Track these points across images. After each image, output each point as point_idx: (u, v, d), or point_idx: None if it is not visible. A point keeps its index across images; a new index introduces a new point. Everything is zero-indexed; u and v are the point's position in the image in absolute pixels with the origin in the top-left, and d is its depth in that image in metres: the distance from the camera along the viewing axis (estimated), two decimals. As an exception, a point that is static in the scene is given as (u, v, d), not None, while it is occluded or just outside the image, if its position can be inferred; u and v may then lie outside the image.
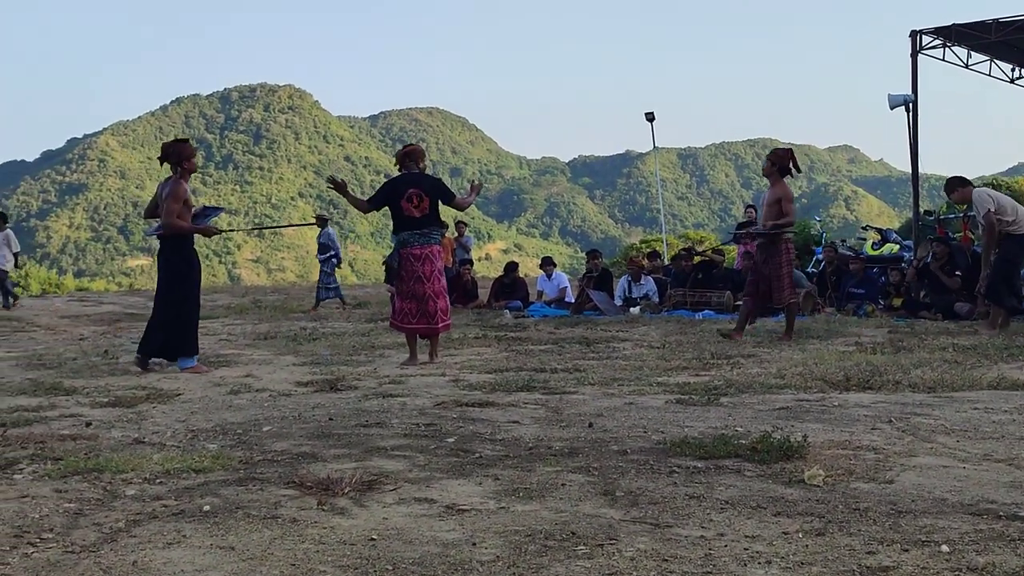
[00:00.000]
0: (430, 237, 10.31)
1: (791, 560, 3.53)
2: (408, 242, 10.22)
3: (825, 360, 9.63)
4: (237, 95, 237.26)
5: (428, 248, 10.26)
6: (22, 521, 4.07)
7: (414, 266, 10.18)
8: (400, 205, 10.19)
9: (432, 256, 10.29)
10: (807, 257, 22.89)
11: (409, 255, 10.19)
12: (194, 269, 10.09)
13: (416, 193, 10.20)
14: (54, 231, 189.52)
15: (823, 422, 6.34)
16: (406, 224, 10.23)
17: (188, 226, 9.99)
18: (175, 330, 9.89)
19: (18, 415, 6.94)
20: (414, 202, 10.19)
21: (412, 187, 10.25)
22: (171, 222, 9.85)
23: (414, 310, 10.26)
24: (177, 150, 10.13)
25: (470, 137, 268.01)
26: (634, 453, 5.39)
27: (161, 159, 10.24)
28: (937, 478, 4.76)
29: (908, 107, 18.30)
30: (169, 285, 10.00)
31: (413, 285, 10.22)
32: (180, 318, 9.93)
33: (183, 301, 9.91)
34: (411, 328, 10.36)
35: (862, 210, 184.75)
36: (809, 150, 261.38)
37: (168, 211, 9.85)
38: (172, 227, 9.88)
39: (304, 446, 5.70)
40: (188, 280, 10.02)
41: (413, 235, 10.22)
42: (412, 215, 10.19)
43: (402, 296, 10.33)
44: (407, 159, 10.52)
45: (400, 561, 3.55)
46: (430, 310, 10.26)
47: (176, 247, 10.03)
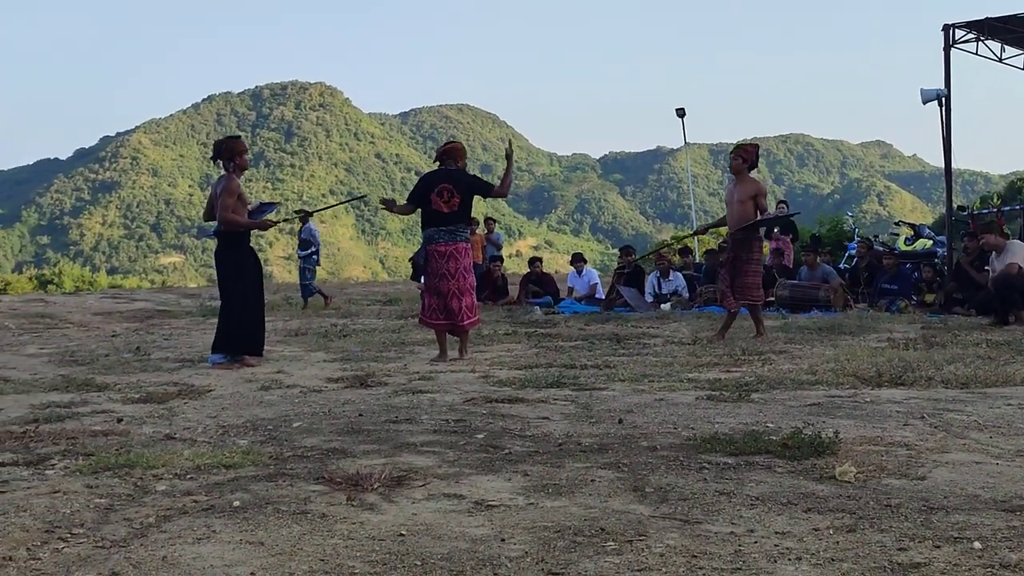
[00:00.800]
0: (456, 234, 10.21)
1: (821, 556, 3.51)
2: (434, 238, 10.17)
3: (857, 356, 9.58)
4: (268, 93, 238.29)
5: (454, 245, 10.17)
6: (53, 516, 4.09)
7: (439, 263, 10.14)
8: (429, 199, 10.14)
9: (457, 253, 10.20)
10: (839, 253, 22.78)
11: (435, 251, 10.15)
12: (251, 265, 10.12)
13: (447, 188, 10.13)
14: (87, 229, 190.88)
15: (855, 418, 6.30)
16: (433, 220, 10.18)
17: (243, 221, 10.02)
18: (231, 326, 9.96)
19: (50, 411, 6.98)
20: (444, 197, 10.11)
21: (444, 182, 10.19)
22: (226, 217, 9.87)
23: (440, 307, 10.24)
24: (229, 146, 10.16)
25: (500, 134, 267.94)
26: (664, 449, 5.37)
27: (213, 156, 10.26)
28: (970, 474, 4.73)
29: (941, 102, 18.13)
30: (227, 283, 10.05)
31: (438, 282, 10.20)
32: (241, 314, 9.98)
33: (243, 298, 9.97)
34: (438, 324, 10.33)
35: (895, 205, 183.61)
36: (842, 145, 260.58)
37: (223, 207, 9.87)
38: (227, 222, 9.90)
39: (334, 442, 5.70)
40: (245, 277, 10.07)
41: (439, 232, 10.17)
42: (440, 211, 10.13)
43: (429, 292, 10.33)
44: (446, 156, 10.48)
45: (429, 557, 3.55)
46: (453, 307, 10.18)
47: (231, 243, 10.08)
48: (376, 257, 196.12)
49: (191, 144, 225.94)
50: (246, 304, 9.94)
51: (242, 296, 9.93)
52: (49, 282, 50.68)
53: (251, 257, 10.16)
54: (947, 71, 18.41)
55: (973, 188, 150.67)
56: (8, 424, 6.46)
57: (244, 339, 9.94)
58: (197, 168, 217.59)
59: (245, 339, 9.94)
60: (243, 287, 9.96)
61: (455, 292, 10.19)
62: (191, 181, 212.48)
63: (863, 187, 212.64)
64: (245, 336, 9.95)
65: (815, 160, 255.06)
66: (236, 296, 9.95)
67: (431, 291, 10.29)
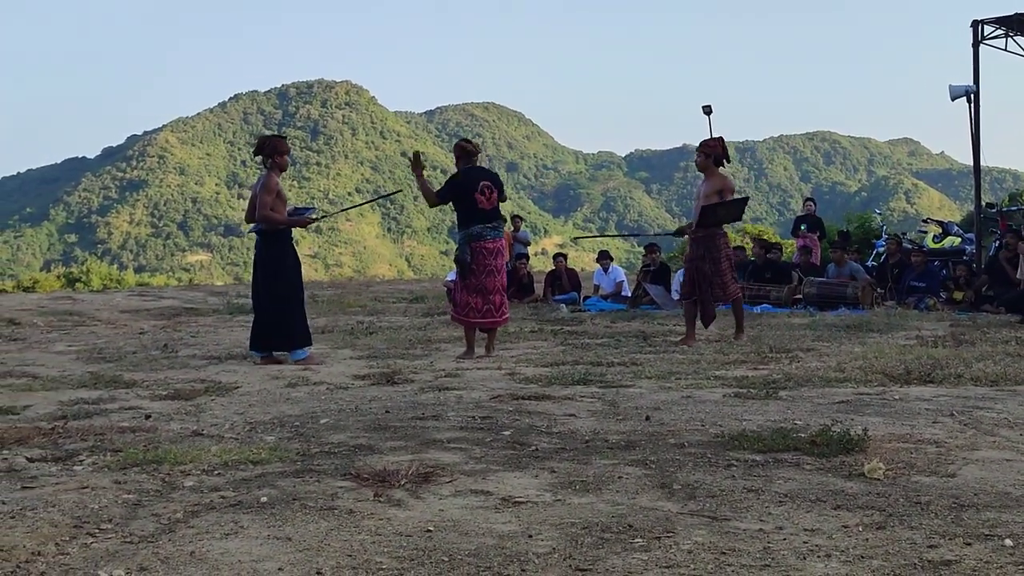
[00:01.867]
0: (499, 230, 10.25)
1: (851, 554, 3.49)
2: (482, 235, 10.09)
3: (885, 353, 9.53)
4: (295, 91, 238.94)
5: (499, 242, 10.26)
6: (82, 512, 4.10)
7: (487, 260, 10.10)
8: (474, 198, 10.08)
9: (501, 250, 10.34)
10: (867, 250, 22.69)
11: (482, 248, 10.08)
12: (292, 262, 10.14)
13: (487, 185, 10.15)
14: (115, 227, 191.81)
15: (883, 416, 6.27)
16: (479, 217, 10.11)
17: (282, 218, 10.04)
18: (280, 324, 9.96)
19: (79, 407, 7.00)
20: (486, 194, 10.11)
21: (484, 180, 10.20)
22: (265, 214, 9.86)
23: (479, 305, 10.16)
24: (272, 144, 10.17)
25: (526, 132, 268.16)
26: (691, 446, 5.35)
27: (255, 151, 10.27)
28: (1000, 471, 4.70)
29: (969, 98, 18.03)
30: (268, 280, 10.06)
31: (484, 279, 10.13)
32: (283, 313, 9.97)
33: (285, 297, 9.99)
34: (476, 322, 10.25)
35: (923, 203, 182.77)
36: (869, 143, 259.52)
37: (261, 204, 9.86)
38: (267, 220, 9.90)
39: (361, 438, 5.71)
40: (286, 274, 10.08)
41: (486, 228, 10.12)
42: (484, 208, 10.11)
43: (469, 290, 10.19)
44: (471, 156, 10.45)
45: (456, 553, 3.54)
46: (495, 302, 10.21)
47: (272, 241, 10.08)
48: (402, 255, 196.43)
49: (218, 143, 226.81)
50: (289, 302, 9.97)
51: (284, 294, 9.95)
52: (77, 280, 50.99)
53: (291, 255, 10.17)
54: (976, 67, 18.32)
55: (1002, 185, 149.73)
56: (37, 420, 6.48)
57: (287, 335, 9.98)
58: (224, 167, 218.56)
59: (288, 335, 9.98)
60: (284, 285, 9.98)
61: (499, 288, 10.26)
62: (218, 180, 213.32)
63: (891, 185, 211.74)
64: (287, 332, 9.98)
65: (842, 158, 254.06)
66: (278, 294, 9.97)
67: (473, 289, 10.16)
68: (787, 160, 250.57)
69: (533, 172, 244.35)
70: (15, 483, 4.63)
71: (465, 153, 10.43)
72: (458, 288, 10.39)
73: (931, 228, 22.03)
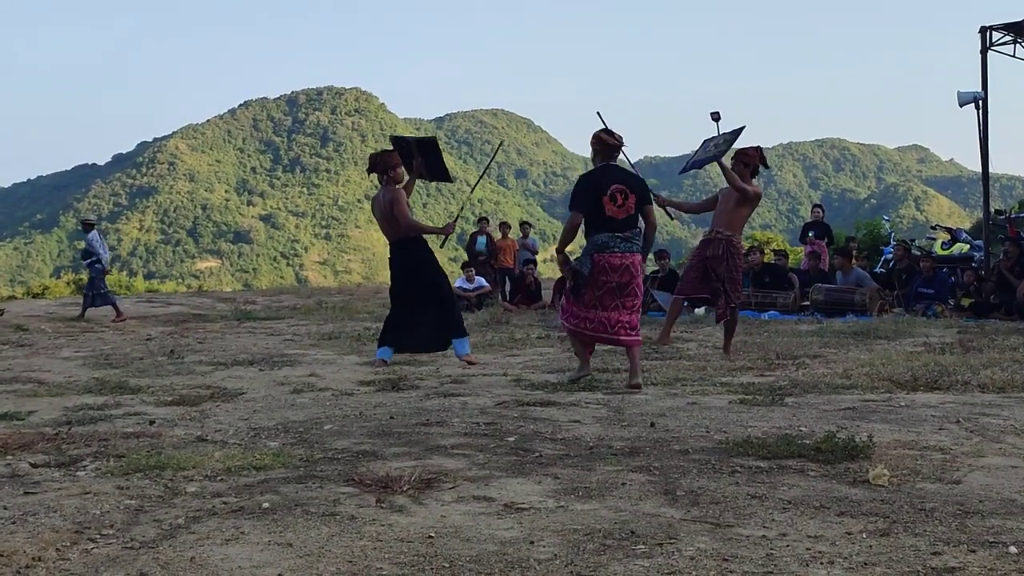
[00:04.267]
0: (632, 243, 8.52)
1: (854, 560, 3.47)
2: (608, 246, 8.42)
3: (892, 360, 9.51)
4: (304, 98, 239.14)
5: (632, 256, 8.50)
6: (83, 517, 4.10)
7: (609, 277, 8.39)
8: (601, 203, 8.44)
9: (634, 267, 8.50)
10: (875, 257, 22.65)
11: (606, 263, 8.39)
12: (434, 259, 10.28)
13: (620, 189, 8.48)
14: (124, 234, 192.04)
15: (889, 422, 6.25)
16: (606, 225, 8.46)
17: (428, 226, 10.21)
18: (456, 315, 10.11)
19: (83, 413, 7.01)
20: (618, 200, 8.45)
21: (617, 182, 8.52)
22: (412, 224, 9.96)
23: (592, 317, 8.53)
24: (383, 160, 10.23)
25: (535, 139, 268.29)
26: (696, 453, 5.34)
27: (369, 170, 10.36)
28: (1006, 478, 4.68)
29: (978, 105, 17.99)
30: (431, 279, 10.08)
31: (602, 296, 8.44)
32: (455, 304, 10.20)
33: (442, 288, 10.13)
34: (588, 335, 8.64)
35: (932, 210, 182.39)
36: (878, 150, 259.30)
37: (402, 214, 9.90)
38: (416, 228, 9.98)
39: (365, 444, 5.70)
40: (441, 272, 10.22)
41: (614, 239, 8.44)
42: (614, 216, 8.44)
43: (578, 302, 8.58)
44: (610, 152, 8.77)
45: (457, 559, 3.53)
46: (610, 320, 8.48)
47: (415, 246, 10.14)
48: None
49: (228, 149, 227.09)
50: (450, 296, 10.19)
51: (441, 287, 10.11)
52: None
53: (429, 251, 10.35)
54: (984, 74, 18.28)
55: (1011, 192, 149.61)
56: (41, 426, 6.49)
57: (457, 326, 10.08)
58: (234, 173, 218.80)
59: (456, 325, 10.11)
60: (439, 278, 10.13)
61: (620, 307, 8.48)
62: (227, 186, 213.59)
63: (900, 192, 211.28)
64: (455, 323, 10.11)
65: (852, 165, 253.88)
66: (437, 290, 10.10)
67: (583, 302, 8.53)
68: (796, 167, 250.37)
69: (542, 179, 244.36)
70: (18, 488, 4.63)
71: (603, 148, 8.79)
72: (566, 296, 8.85)
73: (940, 235, 21.96)
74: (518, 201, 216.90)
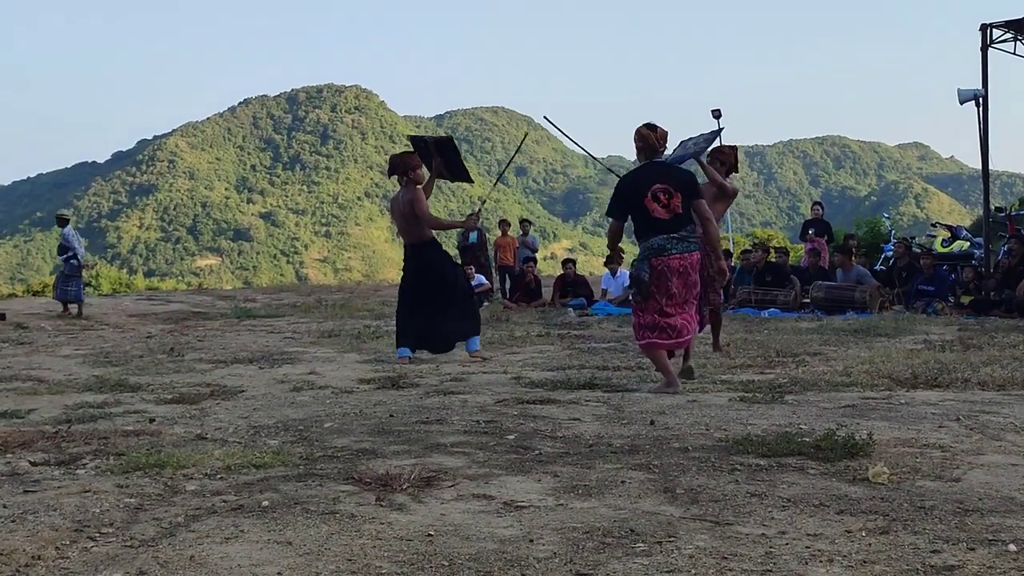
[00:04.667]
0: (689, 241, 8.01)
1: (854, 559, 3.47)
2: (665, 249, 7.91)
3: (893, 358, 9.51)
4: (304, 96, 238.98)
5: (691, 256, 7.99)
6: (83, 516, 4.09)
7: (670, 281, 7.94)
8: (644, 205, 7.99)
9: (691, 267, 8.02)
10: (875, 255, 22.65)
11: (665, 267, 7.92)
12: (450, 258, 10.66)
13: (664, 189, 7.98)
14: (124, 231, 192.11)
15: (889, 420, 6.24)
16: (655, 228, 7.97)
17: (452, 221, 10.62)
18: (475, 312, 10.52)
19: (83, 411, 7.02)
20: (662, 200, 7.96)
21: (657, 181, 8.03)
22: (435, 222, 10.35)
23: (662, 325, 8.06)
24: (403, 162, 10.47)
25: (535, 136, 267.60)
26: (695, 451, 5.34)
27: (389, 172, 10.56)
28: (1006, 476, 4.67)
29: (978, 102, 17.95)
30: (452, 278, 10.43)
31: (666, 301, 7.99)
32: (465, 299, 10.53)
33: (459, 284, 10.50)
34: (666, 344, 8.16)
35: (932, 207, 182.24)
36: (879, 147, 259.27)
37: (422, 214, 10.18)
38: (439, 226, 10.44)
39: (364, 442, 5.70)
40: (451, 266, 10.60)
41: (670, 240, 7.93)
42: (660, 217, 7.94)
43: (649, 311, 8.05)
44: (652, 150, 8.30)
45: (456, 557, 3.53)
46: (679, 325, 8.08)
47: (435, 248, 10.47)
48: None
49: (228, 147, 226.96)
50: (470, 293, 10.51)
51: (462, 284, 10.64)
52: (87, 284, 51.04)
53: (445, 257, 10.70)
54: (984, 71, 18.24)
55: (1011, 190, 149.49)
56: (41, 424, 6.49)
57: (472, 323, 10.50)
58: (233, 171, 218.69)
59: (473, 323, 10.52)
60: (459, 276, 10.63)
61: (685, 307, 8.14)
62: (227, 184, 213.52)
63: (900, 189, 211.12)
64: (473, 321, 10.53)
65: (852, 162, 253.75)
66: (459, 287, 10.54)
67: (652, 310, 8.03)
68: (797, 164, 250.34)
69: (542, 176, 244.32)
70: (17, 487, 4.63)
71: (646, 145, 8.28)
72: (635, 311, 8.31)
73: (940, 232, 21.98)
74: (518, 199, 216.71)
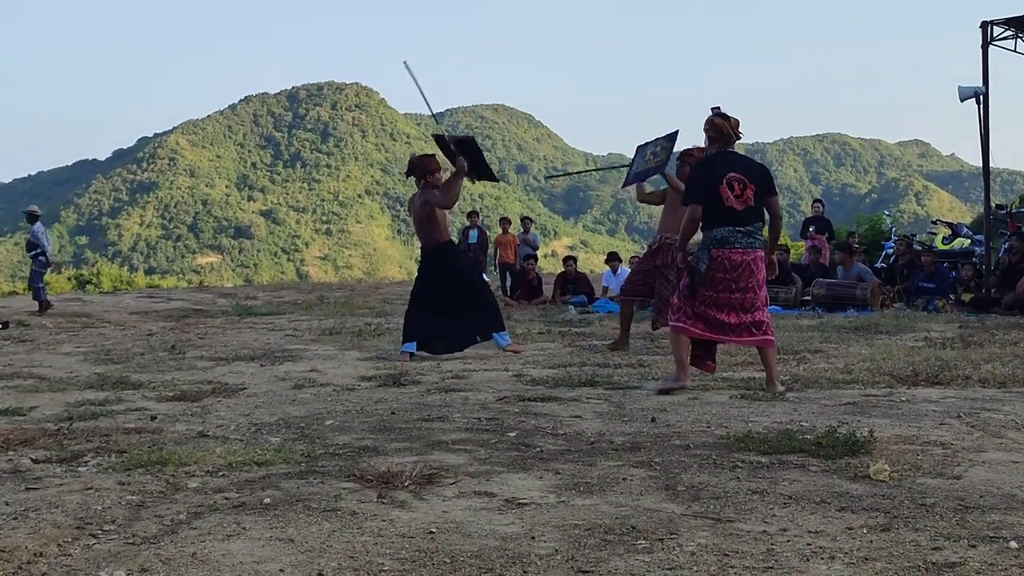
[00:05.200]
0: (755, 237, 7.68)
1: (855, 556, 3.47)
2: (728, 241, 7.59)
3: (893, 355, 9.51)
4: (305, 93, 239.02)
5: (753, 253, 7.63)
6: (85, 513, 4.10)
7: (727, 274, 7.59)
8: (719, 192, 7.64)
9: (755, 264, 7.64)
10: (876, 252, 22.65)
11: (726, 259, 7.57)
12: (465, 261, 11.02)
13: (738, 179, 7.67)
14: (125, 229, 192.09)
15: (890, 417, 6.25)
16: (724, 218, 7.63)
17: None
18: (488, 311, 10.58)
19: (85, 408, 7.02)
20: (736, 190, 7.64)
21: (733, 171, 7.71)
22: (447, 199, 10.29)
23: (704, 316, 7.72)
24: (422, 164, 10.57)
25: (536, 134, 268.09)
26: (697, 448, 5.34)
27: (408, 173, 10.65)
28: (1007, 473, 4.67)
29: (979, 100, 17.94)
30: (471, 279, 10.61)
31: (719, 295, 7.64)
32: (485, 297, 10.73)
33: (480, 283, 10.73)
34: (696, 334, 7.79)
35: (933, 205, 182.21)
36: (879, 144, 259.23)
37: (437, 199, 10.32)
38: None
39: (366, 440, 5.70)
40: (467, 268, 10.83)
41: (735, 233, 7.59)
42: (733, 207, 7.62)
43: (696, 299, 7.70)
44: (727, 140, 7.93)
45: (458, 554, 3.53)
46: (729, 322, 7.70)
47: (454, 250, 10.73)
48: (412, 257, 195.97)
49: (228, 145, 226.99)
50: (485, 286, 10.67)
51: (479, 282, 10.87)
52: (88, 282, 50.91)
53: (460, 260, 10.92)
54: (985, 68, 18.22)
55: (1012, 187, 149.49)
56: (43, 422, 6.49)
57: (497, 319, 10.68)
58: (234, 168, 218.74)
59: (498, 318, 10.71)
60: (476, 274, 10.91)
61: (739, 306, 7.68)
62: (228, 182, 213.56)
63: (901, 187, 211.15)
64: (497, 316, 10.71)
65: (852, 159, 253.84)
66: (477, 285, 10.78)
67: (698, 299, 7.68)
68: (797, 162, 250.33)
69: (543, 174, 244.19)
70: (19, 484, 4.63)
71: (719, 135, 7.92)
72: (679, 295, 7.94)
73: (940, 230, 21.99)
74: (519, 196, 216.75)
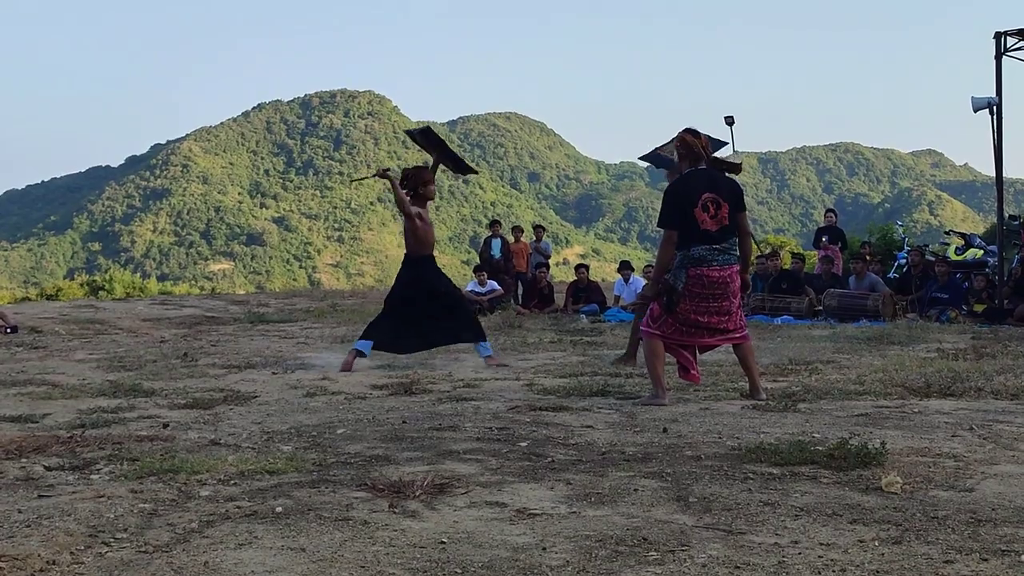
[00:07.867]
0: (730, 253, 7.72)
1: (866, 568, 3.47)
2: (705, 260, 7.61)
3: (906, 366, 9.49)
4: (318, 101, 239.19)
5: (730, 268, 7.68)
6: (97, 521, 4.11)
7: (705, 290, 7.64)
8: (693, 215, 7.63)
9: (731, 278, 7.70)
10: (889, 262, 22.60)
11: (704, 277, 7.61)
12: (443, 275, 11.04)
13: (712, 199, 7.68)
14: (138, 236, 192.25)
15: (902, 429, 6.24)
16: (700, 238, 7.63)
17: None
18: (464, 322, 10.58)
19: (97, 416, 7.04)
20: (710, 210, 7.65)
21: (707, 190, 7.70)
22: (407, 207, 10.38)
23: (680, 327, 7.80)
24: (415, 175, 10.63)
25: (548, 142, 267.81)
26: (708, 459, 5.34)
27: (401, 183, 10.64)
28: (1019, 486, 4.66)
29: (992, 110, 17.90)
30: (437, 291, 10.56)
31: (694, 308, 7.69)
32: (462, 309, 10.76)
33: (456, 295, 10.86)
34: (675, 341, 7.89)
35: (946, 215, 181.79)
36: (892, 154, 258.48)
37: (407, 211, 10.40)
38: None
39: (377, 449, 5.71)
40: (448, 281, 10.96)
41: (712, 251, 7.62)
42: (708, 229, 7.63)
43: (672, 317, 7.76)
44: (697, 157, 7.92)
45: (469, 564, 3.54)
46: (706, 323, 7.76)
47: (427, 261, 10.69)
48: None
49: (241, 152, 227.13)
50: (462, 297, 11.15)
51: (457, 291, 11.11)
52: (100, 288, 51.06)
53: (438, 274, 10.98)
54: (999, 79, 18.19)
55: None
56: (55, 429, 6.52)
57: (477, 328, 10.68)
58: (247, 176, 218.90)
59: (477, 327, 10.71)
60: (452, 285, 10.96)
61: (716, 312, 7.76)
62: (241, 188, 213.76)
63: (914, 196, 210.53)
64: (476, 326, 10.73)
65: (865, 169, 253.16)
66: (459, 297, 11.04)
67: (678, 319, 7.73)
68: (810, 171, 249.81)
69: (555, 182, 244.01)
70: (32, 491, 4.65)
71: (690, 152, 7.90)
72: (653, 306, 7.99)
73: (953, 240, 21.93)
74: (531, 204, 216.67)
